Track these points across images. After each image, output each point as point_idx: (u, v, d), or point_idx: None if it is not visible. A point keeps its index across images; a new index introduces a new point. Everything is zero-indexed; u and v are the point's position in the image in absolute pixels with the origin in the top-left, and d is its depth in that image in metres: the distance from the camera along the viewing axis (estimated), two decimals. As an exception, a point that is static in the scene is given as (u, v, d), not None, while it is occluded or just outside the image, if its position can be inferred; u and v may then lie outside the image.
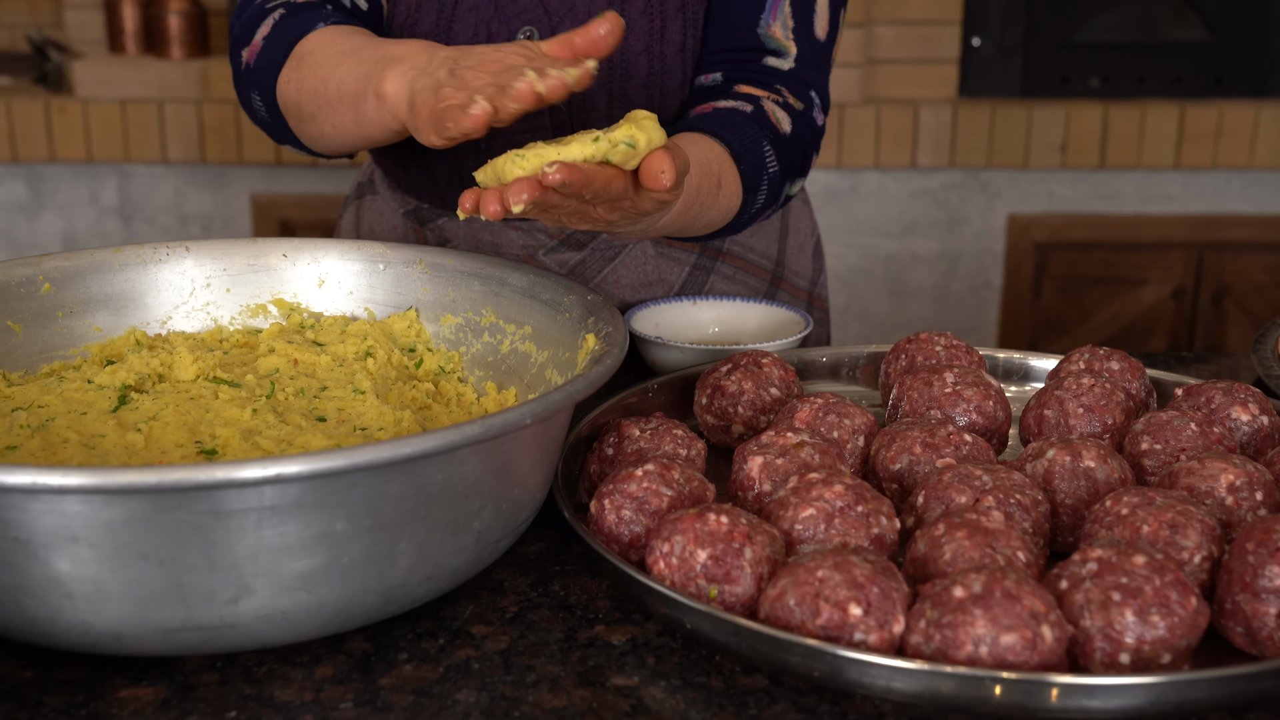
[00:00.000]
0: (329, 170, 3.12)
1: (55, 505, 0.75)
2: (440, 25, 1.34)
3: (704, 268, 1.46)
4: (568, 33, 1.03)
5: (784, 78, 1.34)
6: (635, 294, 1.45)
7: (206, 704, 0.81)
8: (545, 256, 1.43)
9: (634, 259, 1.45)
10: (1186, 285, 3.23)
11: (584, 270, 1.44)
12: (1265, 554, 0.83)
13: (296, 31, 1.22)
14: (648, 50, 1.35)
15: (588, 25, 1.02)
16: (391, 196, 1.49)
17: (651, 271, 1.45)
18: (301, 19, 1.24)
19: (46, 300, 1.10)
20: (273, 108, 1.25)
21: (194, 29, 3.03)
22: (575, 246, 1.43)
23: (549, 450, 0.94)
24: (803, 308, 1.51)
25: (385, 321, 1.15)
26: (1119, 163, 3.11)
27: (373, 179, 1.53)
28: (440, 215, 1.45)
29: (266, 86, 1.24)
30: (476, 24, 1.33)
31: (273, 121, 1.27)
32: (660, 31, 1.34)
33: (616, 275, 1.44)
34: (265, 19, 1.26)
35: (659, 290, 1.45)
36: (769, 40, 1.34)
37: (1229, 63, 3.16)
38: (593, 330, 1.01)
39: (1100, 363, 1.16)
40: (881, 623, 0.79)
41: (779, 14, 1.35)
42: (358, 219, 1.54)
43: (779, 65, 1.34)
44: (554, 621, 0.90)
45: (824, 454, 0.98)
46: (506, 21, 1.33)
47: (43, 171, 3.09)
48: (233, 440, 0.95)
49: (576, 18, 1.33)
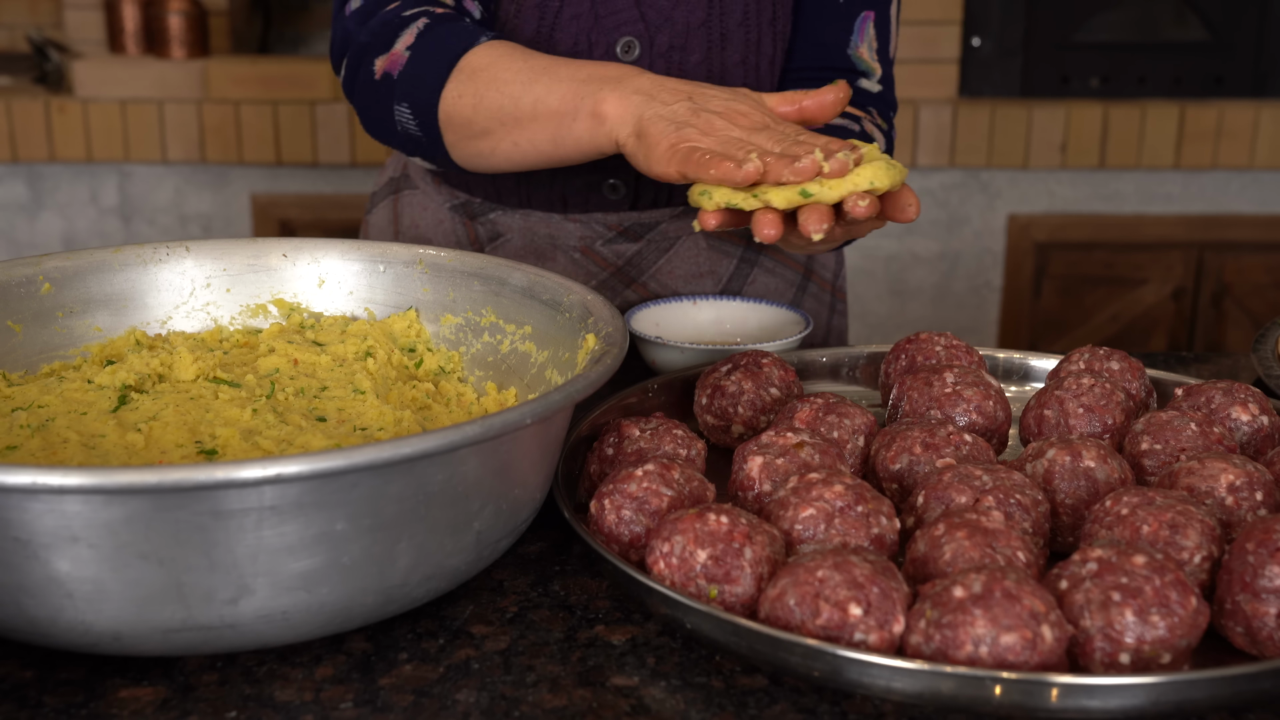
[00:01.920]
0: (329, 170, 3.12)
1: (55, 505, 0.75)
2: (541, 34, 1.35)
3: (749, 260, 1.50)
4: (795, 93, 1.12)
5: (874, 99, 1.41)
6: (687, 285, 1.48)
7: (206, 704, 0.81)
8: (603, 248, 1.46)
9: (687, 251, 1.47)
10: (1186, 285, 3.23)
11: (640, 261, 1.47)
12: (1265, 554, 0.83)
13: (459, 45, 1.23)
14: (744, 62, 1.38)
15: (820, 91, 1.11)
16: (436, 191, 1.50)
17: (703, 263, 1.48)
18: (455, 30, 1.24)
19: (46, 300, 1.10)
20: (429, 121, 1.25)
21: (194, 29, 3.03)
22: (632, 238, 1.46)
23: (549, 450, 0.94)
24: (827, 299, 1.56)
25: (385, 321, 1.15)
26: (1119, 163, 3.11)
27: (408, 173, 1.54)
28: (493, 209, 1.46)
29: (423, 100, 1.24)
30: (577, 34, 1.35)
31: (422, 134, 1.27)
32: (756, 44, 1.38)
33: (670, 267, 1.47)
34: (405, 29, 1.26)
35: (709, 282, 1.49)
36: (858, 62, 1.40)
37: (1229, 63, 3.16)
38: (593, 330, 1.01)
39: (1100, 363, 1.16)
40: (881, 623, 0.79)
41: (865, 36, 1.40)
42: (395, 214, 1.54)
43: (869, 87, 1.41)
44: (554, 621, 0.90)
45: (824, 454, 0.98)
46: (606, 32, 1.35)
47: (43, 171, 3.09)
48: (233, 440, 0.95)
49: (674, 29, 1.36)
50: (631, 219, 1.45)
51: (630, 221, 1.45)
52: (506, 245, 1.47)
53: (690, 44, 1.36)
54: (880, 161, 1.05)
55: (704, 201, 1.07)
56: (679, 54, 1.36)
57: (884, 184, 1.04)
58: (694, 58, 1.36)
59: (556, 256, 1.46)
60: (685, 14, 1.35)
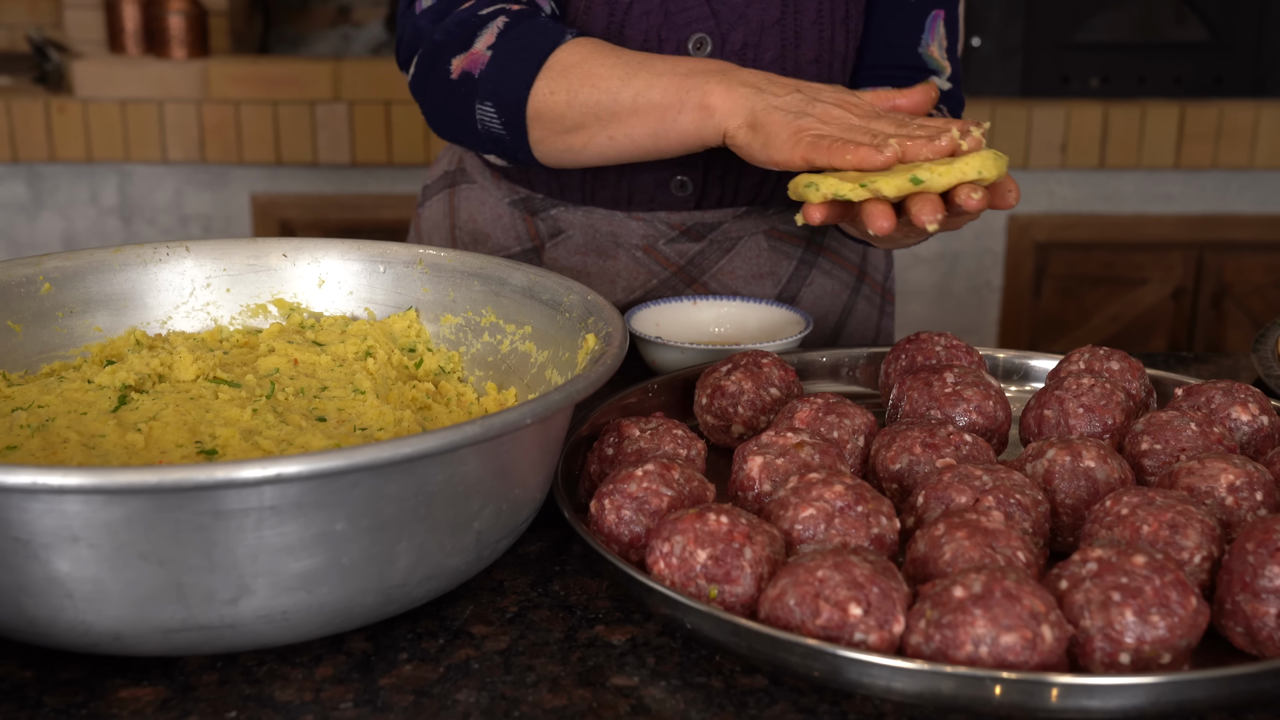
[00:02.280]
0: (329, 170, 3.12)
1: (55, 505, 0.75)
2: (610, 30, 1.36)
3: (808, 262, 1.51)
4: (888, 91, 1.16)
5: (944, 98, 1.42)
6: (746, 286, 1.49)
7: (206, 704, 0.81)
8: (665, 247, 1.46)
9: (749, 251, 1.48)
10: (1186, 285, 3.23)
11: (701, 261, 1.47)
12: (1265, 554, 0.83)
13: (547, 42, 1.25)
14: (818, 60, 1.39)
15: (911, 90, 1.15)
16: (495, 185, 1.50)
17: (764, 264, 1.49)
18: (539, 27, 1.26)
19: (46, 300, 1.10)
20: (515, 117, 1.26)
21: (194, 29, 3.03)
22: (694, 238, 1.47)
23: (549, 450, 0.94)
24: (878, 300, 1.57)
25: (385, 321, 1.15)
26: (1119, 163, 3.11)
27: (464, 167, 1.54)
28: (555, 205, 1.47)
29: (509, 96, 1.25)
30: (647, 30, 1.36)
31: (506, 133, 1.28)
32: (829, 42, 1.39)
33: (731, 266, 1.48)
34: (484, 27, 1.27)
35: (769, 283, 1.49)
36: (929, 60, 1.42)
37: (1229, 63, 3.16)
38: (593, 330, 1.01)
39: (1100, 363, 1.16)
40: (881, 623, 0.79)
41: (935, 35, 1.42)
42: (451, 208, 1.54)
43: (940, 85, 1.42)
44: (554, 621, 0.90)
45: (824, 454, 0.98)
46: (676, 29, 1.36)
47: (43, 171, 3.09)
48: (233, 440, 0.95)
49: (749, 26, 1.37)
50: (695, 218, 1.46)
51: (693, 221, 1.46)
52: (568, 241, 1.47)
53: (764, 41, 1.37)
54: (987, 151, 1.05)
55: (810, 194, 1.07)
56: (752, 51, 1.37)
57: (992, 174, 1.04)
58: (768, 55, 1.37)
59: (618, 254, 1.46)
60: (759, 11, 1.36)
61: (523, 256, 1.49)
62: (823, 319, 1.52)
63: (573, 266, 1.48)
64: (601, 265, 1.47)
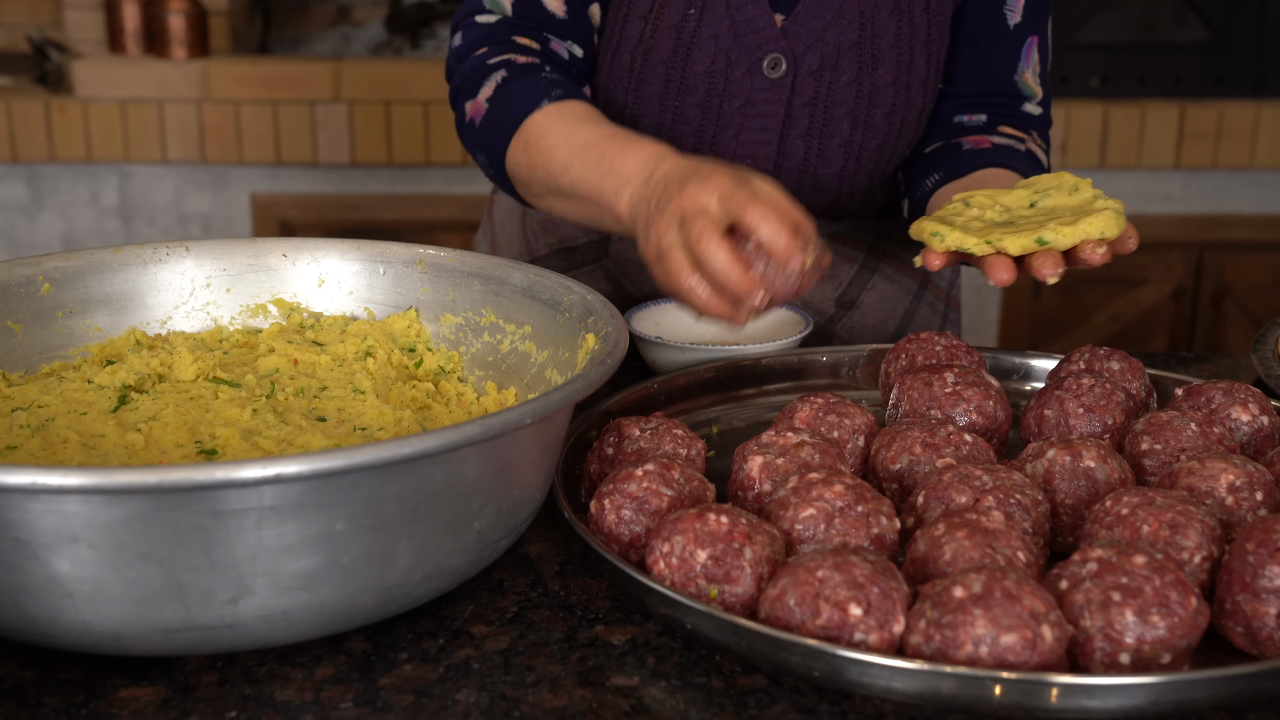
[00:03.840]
0: (329, 170, 3.12)
1: (55, 505, 0.75)
2: (678, 53, 1.37)
3: (870, 267, 1.52)
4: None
5: (1036, 122, 1.44)
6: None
7: (206, 704, 0.81)
8: None
9: None
10: (1186, 285, 3.23)
11: None
12: (1265, 554, 0.83)
13: (522, 107, 1.28)
14: (895, 83, 1.39)
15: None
16: None
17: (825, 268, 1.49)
18: (524, 88, 1.29)
19: (46, 300, 1.10)
20: (500, 173, 1.32)
21: (194, 29, 3.03)
22: None
23: (549, 450, 0.94)
24: (941, 307, 1.58)
25: (385, 321, 1.15)
26: (1119, 163, 3.11)
27: None
28: None
29: (494, 155, 1.31)
30: (715, 53, 1.37)
31: (497, 182, 1.34)
32: (908, 65, 1.39)
33: None
34: (489, 78, 1.32)
35: (829, 287, 1.50)
36: (1024, 87, 1.44)
37: (1229, 63, 3.16)
38: (593, 330, 1.01)
39: (1100, 363, 1.16)
40: (881, 623, 0.79)
41: (1030, 61, 1.44)
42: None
43: (1032, 111, 1.44)
44: (554, 621, 0.90)
45: (824, 454, 0.98)
46: (747, 51, 1.37)
47: (43, 171, 3.09)
48: (233, 440, 0.95)
49: (826, 49, 1.37)
50: None
51: None
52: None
53: (841, 64, 1.37)
54: (1110, 211, 1.09)
55: (934, 243, 1.11)
56: (829, 74, 1.37)
57: (1113, 233, 1.09)
58: (844, 78, 1.38)
59: None
60: (837, 35, 1.36)
61: (589, 248, 1.51)
62: (882, 323, 1.53)
63: (635, 260, 1.50)
64: None
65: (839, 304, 1.50)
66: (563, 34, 1.37)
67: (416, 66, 3.03)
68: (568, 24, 1.36)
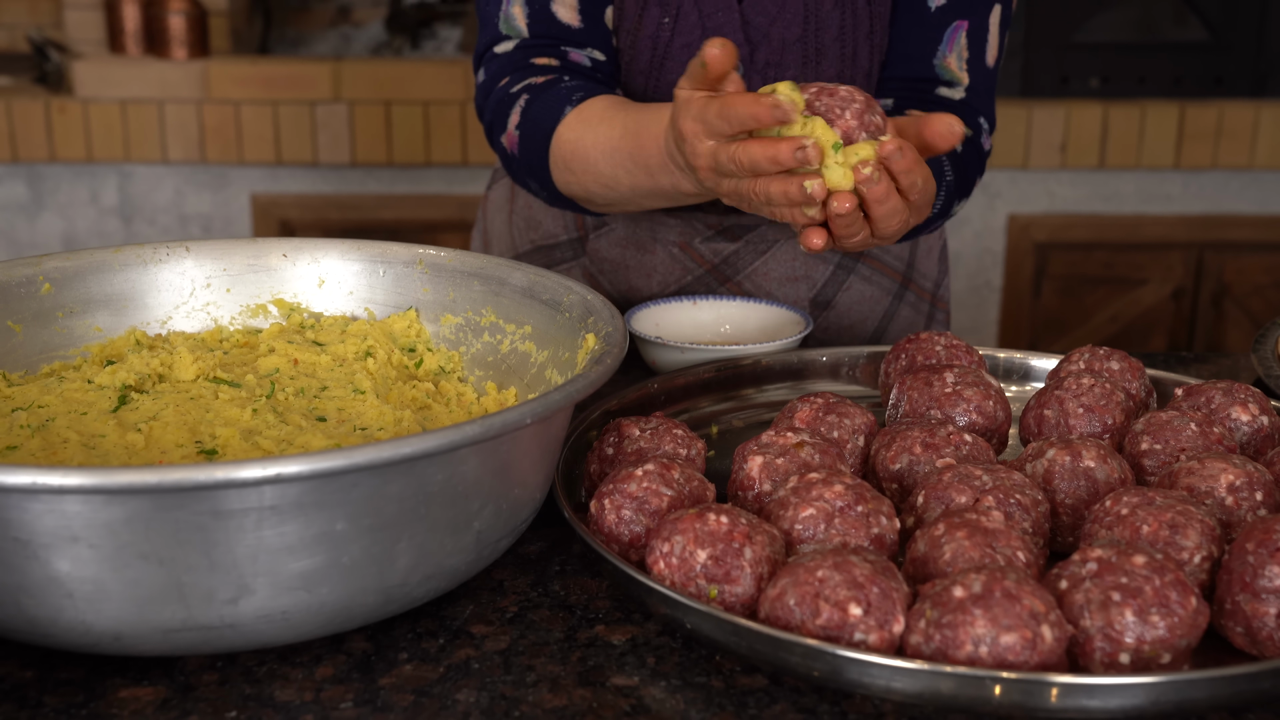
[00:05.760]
0: (329, 170, 3.12)
1: (55, 505, 0.75)
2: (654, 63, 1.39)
3: (846, 267, 1.51)
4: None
5: (954, 107, 1.39)
6: (780, 288, 1.49)
7: (206, 704, 0.81)
8: (701, 245, 1.48)
9: (784, 254, 1.49)
10: (1186, 285, 3.23)
11: (736, 261, 1.48)
12: (1265, 554, 0.83)
13: (546, 127, 1.29)
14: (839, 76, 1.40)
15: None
16: None
17: (799, 267, 1.49)
18: (545, 106, 1.30)
19: (46, 300, 1.10)
20: (557, 197, 1.33)
21: (194, 29, 3.03)
22: (730, 238, 1.48)
23: (549, 450, 0.94)
24: (926, 308, 1.57)
25: (385, 321, 1.15)
26: (1119, 163, 3.11)
27: None
28: None
29: (543, 180, 1.32)
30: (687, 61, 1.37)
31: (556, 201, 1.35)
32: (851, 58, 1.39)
33: (766, 268, 1.49)
34: (514, 106, 1.33)
35: (803, 287, 1.50)
36: (943, 72, 1.40)
37: (1229, 63, 3.16)
38: (593, 330, 1.01)
39: (1100, 363, 1.16)
40: (881, 623, 0.79)
41: (955, 46, 1.40)
42: (512, 193, 1.58)
43: (950, 95, 1.40)
44: (554, 621, 0.90)
45: (824, 454, 0.98)
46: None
47: (43, 171, 3.09)
48: (233, 440, 0.95)
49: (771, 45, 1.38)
50: (732, 219, 1.47)
51: (730, 222, 1.47)
52: (610, 234, 1.50)
53: (786, 59, 1.38)
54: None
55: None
56: (774, 70, 1.38)
57: (840, 182, 1.02)
58: (789, 73, 1.38)
59: (656, 249, 1.49)
60: (782, 30, 1.37)
61: (568, 245, 1.52)
62: (860, 324, 1.52)
63: (612, 258, 1.50)
64: (640, 259, 1.49)
65: (814, 304, 1.50)
66: (581, 43, 1.37)
67: (416, 67, 3.03)
68: (584, 32, 1.37)
